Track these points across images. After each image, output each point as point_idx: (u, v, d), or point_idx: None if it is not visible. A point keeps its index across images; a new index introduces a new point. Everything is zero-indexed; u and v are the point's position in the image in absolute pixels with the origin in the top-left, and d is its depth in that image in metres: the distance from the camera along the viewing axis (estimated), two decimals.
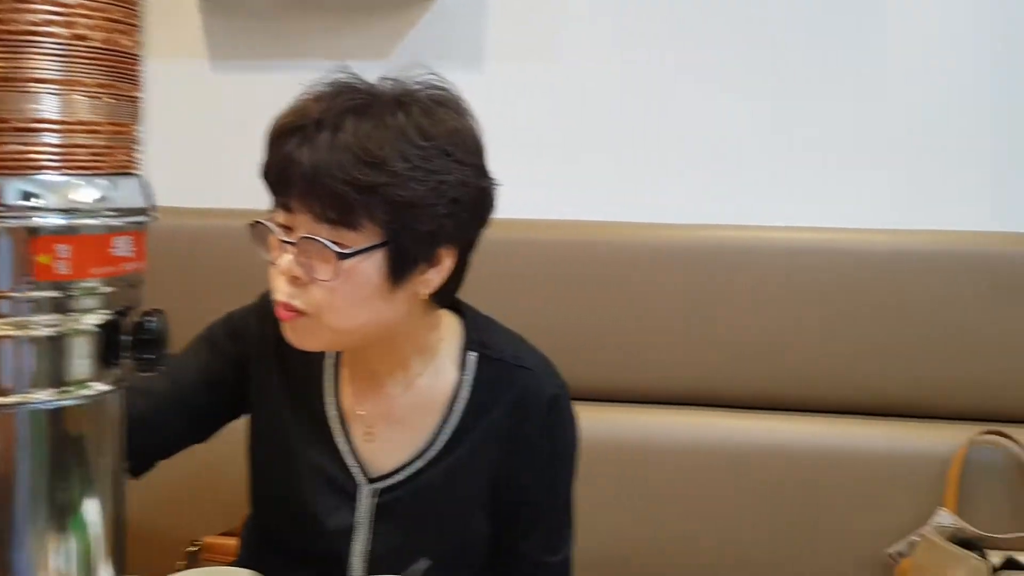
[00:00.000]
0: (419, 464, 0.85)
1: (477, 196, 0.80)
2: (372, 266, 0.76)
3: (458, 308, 0.90)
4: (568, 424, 0.90)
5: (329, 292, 0.76)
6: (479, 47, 1.43)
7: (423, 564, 0.78)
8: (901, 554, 1.17)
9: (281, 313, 0.78)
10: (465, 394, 0.86)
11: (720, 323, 1.28)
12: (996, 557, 1.10)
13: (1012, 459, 1.20)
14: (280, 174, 0.77)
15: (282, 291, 0.77)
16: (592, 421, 1.26)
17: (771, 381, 1.28)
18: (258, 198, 0.81)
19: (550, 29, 1.40)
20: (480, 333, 0.89)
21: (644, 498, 1.26)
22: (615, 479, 1.27)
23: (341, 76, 0.80)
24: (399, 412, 0.86)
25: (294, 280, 0.76)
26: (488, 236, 0.92)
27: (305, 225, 0.75)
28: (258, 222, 0.79)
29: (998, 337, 1.23)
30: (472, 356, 0.87)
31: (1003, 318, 1.23)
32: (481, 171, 0.81)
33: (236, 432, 0.92)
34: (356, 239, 0.75)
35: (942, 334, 1.24)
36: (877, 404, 1.26)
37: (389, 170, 0.73)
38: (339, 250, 0.74)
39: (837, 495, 1.23)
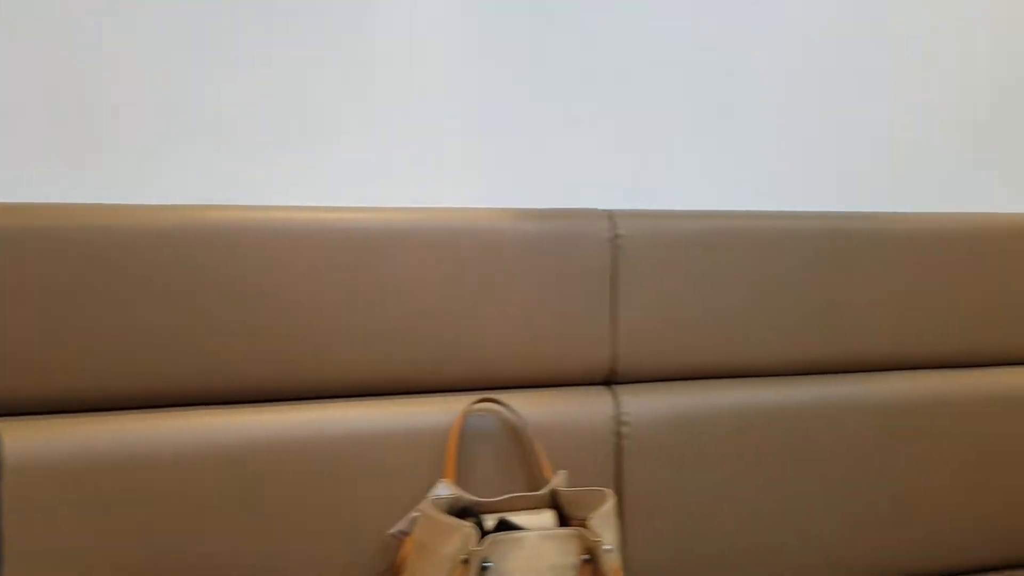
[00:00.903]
0: None
1: None
2: None
3: None
4: None
5: None
6: None
7: None
8: (404, 532, 1.17)
9: None
10: None
11: (218, 313, 1.18)
12: (491, 520, 1.14)
13: (504, 424, 1.26)
14: None
15: None
16: (59, 436, 1.12)
17: (262, 372, 1.20)
18: None
19: None
20: None
21: (126, 517, 1.12)
22: (95, 500, 1.11)
23: None
24: None
25: None
26: None
27: None
28: None
29: (488, 310, 1.28)
30: None
31: (492, 291, 1.28)
32: None
33: None
34: None
35: (435, 310, 1.25)
36: (375, 384, 1.25)
37: None
38: None
39: (343, 482, 1.19)
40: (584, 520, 1.14)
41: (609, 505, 1.14)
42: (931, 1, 1.60)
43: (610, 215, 1.34)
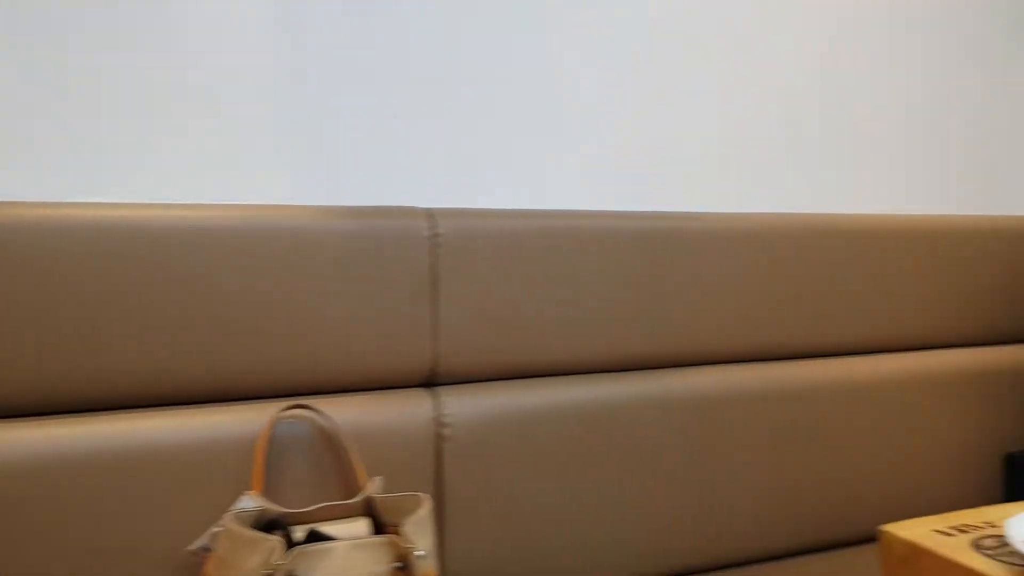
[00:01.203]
0: None
1: None
2: None
3: None
4: None
5: None
6: None
7: None
8: (206, 549, 1.09)
9: None
10: None
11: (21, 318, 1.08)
12: (301, 532, 1.09)
13: (316, 430, 1.20)
14: None
15: None
16: None
17: (50, 382, 1.10)
18: None
19: None
20: None
21: None
22: None
23: None
24: None
25: None
26: None
27: None
28: None
29: (299, 311, 1.22)
30: None
31: (303, 293, 1.22)
32: None
33: None
34: None
35: (240, 312, 1.19)
36: (175, 392, 1.17)
37: None
38: None
39: (142, 499, 1.11)
40: (399, 527, 1.10)
41: (424, 510, 1.11)
42: (738, 9, 1.65)
43: (429, 213, 1.31)
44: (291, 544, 1.05)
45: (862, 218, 1.63)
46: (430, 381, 1.31)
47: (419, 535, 1.08)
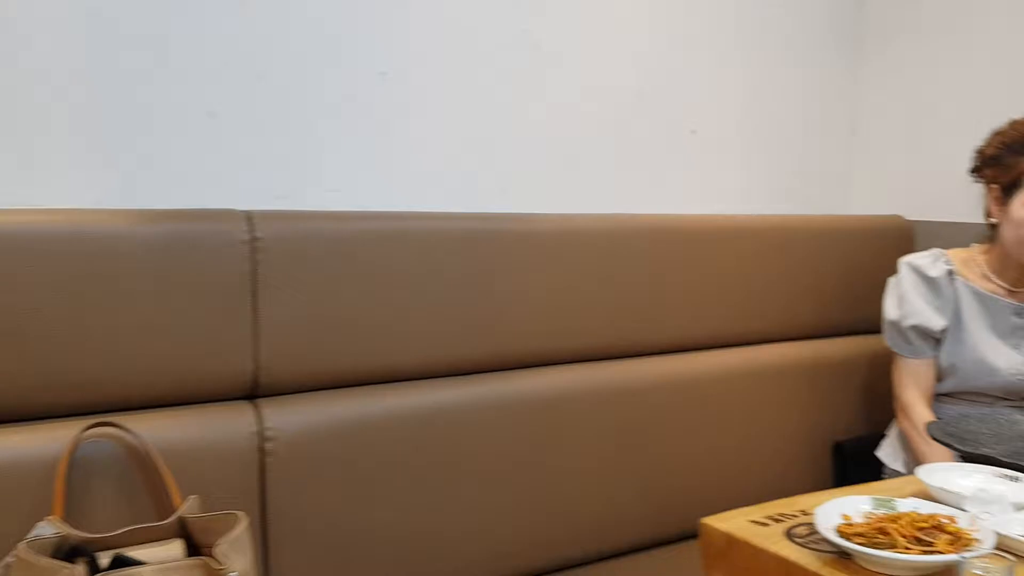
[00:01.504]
0: None
1: None
2: None
3: None
4: None
5: None
6: None
7: None
8: None
9: None
10: None
11: None
12: (106, 558, 1.02)
13: (126, 449, 1.13)
14: None
15: None
16: None
17: None
18: None
19: None
20: None
21: None
22: None
23: None
24: None
25: None
26: None
27: None
28: None
29: (104, 322, 1.14)
30: None
31: (108, 302, 1.14)
32: None
33: None
34: None
35: (35, 324, 1.10)
36: None
37: None
38: None
39: None
40: (214, 547, 1.04)
41: (240, 529, 1.06)
42: (577, 15, 1.66)
43: (248, 216, 1.25)
44: (95, 571, 0.98)
45: (692, 218, 1.67)
46: (252, 393, 1.26)
47: (234, 555, 1.03)
